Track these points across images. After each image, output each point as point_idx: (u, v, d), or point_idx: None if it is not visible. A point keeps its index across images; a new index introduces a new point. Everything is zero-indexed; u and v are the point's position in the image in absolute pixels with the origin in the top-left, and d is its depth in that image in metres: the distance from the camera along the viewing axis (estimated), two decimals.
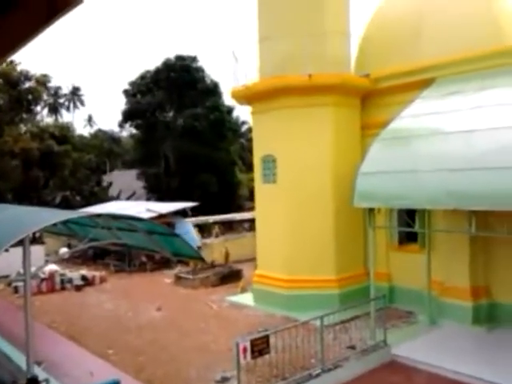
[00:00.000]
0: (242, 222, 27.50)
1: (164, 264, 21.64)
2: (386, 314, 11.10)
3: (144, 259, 21.92)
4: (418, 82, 13.21)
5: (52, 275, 18.76)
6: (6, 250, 7.95)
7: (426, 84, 13.10)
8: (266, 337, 8.76)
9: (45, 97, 44.19)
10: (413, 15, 14.35)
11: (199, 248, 22.28)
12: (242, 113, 68.70)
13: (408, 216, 13.32)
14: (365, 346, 10.47)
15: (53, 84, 43.53)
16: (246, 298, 15.83)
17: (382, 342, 10.56)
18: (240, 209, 34.70)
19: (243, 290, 16.77)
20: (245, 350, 8.36)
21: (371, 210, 11.12)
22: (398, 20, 14.75)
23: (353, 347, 10.63)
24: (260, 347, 8.62)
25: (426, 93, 12.80)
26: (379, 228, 12.83)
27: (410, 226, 13.16)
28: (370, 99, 15.07)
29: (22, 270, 17.61)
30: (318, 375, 9.22)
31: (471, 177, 9.12)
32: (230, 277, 18.80)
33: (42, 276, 18.34)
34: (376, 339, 10.65)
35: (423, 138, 10.86)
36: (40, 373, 8.99)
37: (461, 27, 13.15)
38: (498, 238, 11.87)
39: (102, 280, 19.75)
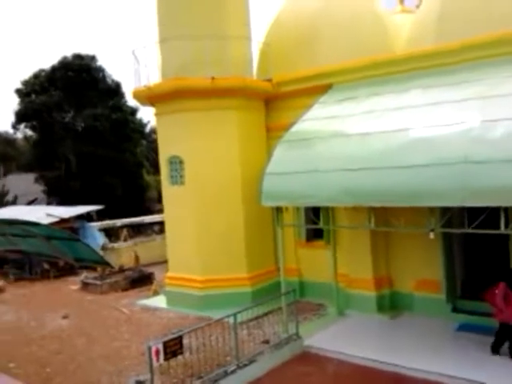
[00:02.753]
0: (151, 224, 26.85)
1: (69, 270, 20.54)
2: (298, 308, 11.49)
3: (46, 266, 20.63)
4: (317, 87, 13.85)
5: None
6: None
7: (325, 89, 13.80)
8: (179, 337, 8.67)
9: None
10: (311, 21, 15.03)
11: (103, 247, 21.58)
12: (146, 113, 67.30)
13: (313, 214, 13.85)
14: (278, 340, 10.73)
15: None
16: (159, 301, 15.55)
17: (294, 334, 10.87)
18: (149, 211, 33.85)
19: (155, 293, 16.44)
20: (157, 352, 8.22)
21: (278, 209, 11.47)
22: (297, 26, 15.33)
23: (267, 342, 10.86)
24: (173, 348, 8.51)
25: (324, 98, 13.50)
26: (287, 226, 13.24)
27: (316, 223, 13.68)
28: (274, 103, 15.50)
29: None
30: (233, 371, 9.29)
31: (366, 176, 9.69)
32: (141, 280, 18.31)
33: None
34: (289, 332, 10.94)
35: (323, 140, 11.42)
36: None
37: (355, 35, 14.22)
38: (397, 232, 12.79)
39: (0, 290, 18.33)
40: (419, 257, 12.68)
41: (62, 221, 21.00)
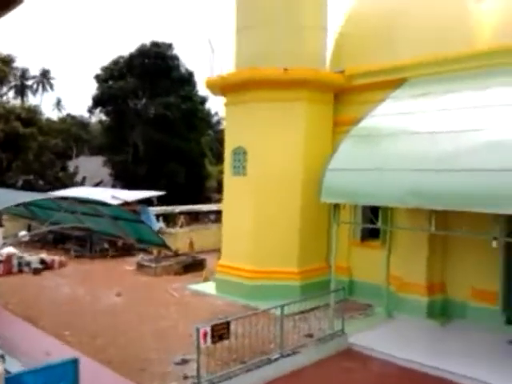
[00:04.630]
0: (208, 213, 27.47)
1: (126, 251, 21.42)
2: (345, 306, 11.36)
3: (106, 245, 21.62)
4: (391, 82, 13.43)
5: (9, 258, 18.28)
6: None
7: (398, 84, 13.34)
8: (227, 323, 8.85)
9: (11, 78, 42.86)
10: (389, 13, 14.51)
11: (159, 232, 22.19)
12: (213, 104, 68.41)
13: (372, 213, 13.63)
14: (323, 335, 10.70)
15: (20, 65, 42.22)
16: (209, 287, 15.87)
17: (339, 331, 10.81)
18: (208, 200, 34.58)
19: (206, 280, 16.79)
20: (205, 334, 8.44)
21: (336, 206, 11.32)
22: (375, 18, 14.88)
23: (311, 335, 10.86)
24: (220, 332, 8.70)
25: (396, 93, 13.05)
26: (343, 223, 13.06)
27: (373, 222, 13.46)
28: (344, 96, 15.20)
29: None
30: (276, 360, 9.38)
31: (433, 177, 9.36)
32: (194, 266, 18.76)
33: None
34: (334, 328, 10.87)
35: (391, 138, 11.10)
36: None
37: (434, 29, 13.37)
38: (456, 238, 12.36)
39: (62, 265, 19.36)
40: (477, 265, 12.18)
41: (126, 203, 21.86)
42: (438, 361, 9.65)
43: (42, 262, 18.88)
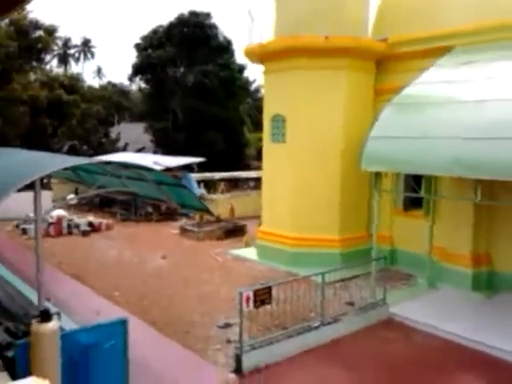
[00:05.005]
0: (247, 180, 27.63)
1: (169, 216, 21.98)
2: (387, 276, 11.35)
3: (150, 209, 22.23)
4: (435, 50, 13.02)
5: (59, 220, 19.10)
6: (19, 191, 8.03)
7: (443, 52, 12.91)
8: (269, 288, 9.01)
9: (54, 47, 43.61)
10: None
11: (201, 197, 22.54)
12: (251, 72, 67.81)
13: (414, 181, 13.35)
14: (364, 304, 10.75)
15: (63, 35, 42.84)
16: (250, 253, 16.14)
17: (380, 300, 10.82)
18: (247, 168, 34.73)
19: (247, 245, 17.07)
20: (248, 299, 8.62)
21: (378, 174, 11.16)
22: None
23: (352, 303, 10.95)
24: (262, 297, 8.87)
25: (441, 61, 12.65)
26: (385, 192, 12.90)
27: (416, 191, 13.19)
28: (386, 64, 14.87)
29: (29, 214, 17.92)
30: (317, 327, 9.52)
31: (479, 146, 9.12)
32: (235, 231, 19.09)
33: (50, 220, 18.68)
34: (375, 297, 10.90)
35: (435, 106, 10.81)
36: (51, 308, 9.30)
37: None
38: (502, 208, 12.01)
39: (109, 227, 20.10)
40: None
41: (167, 169, 22.23)
42: (481, 335, 9.53)
43: (90, 224, 19.65)
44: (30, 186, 7.87)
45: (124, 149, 37.78)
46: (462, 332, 9.70)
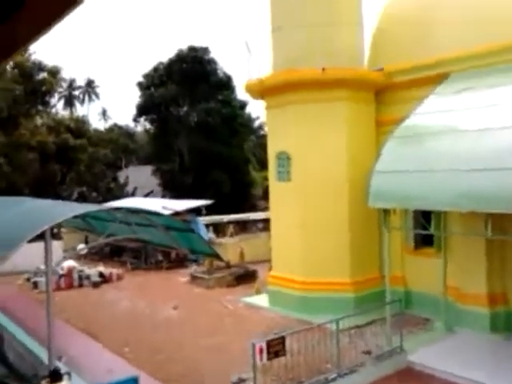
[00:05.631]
0: (256, 221, 27.53)
1: (179, 263, 21.88)
2: (402, 320, 11.08)
3: (160, 257, 22.16)
4: (433, 77, 13.02)
5: (70, 271, 19.07)
6: (29, 242, 8.00)
7: (441, 79, 12.88)
8: (282, 338, 8.85)
9: (59, 89, 44.33)
10: (428, 7, 14.08)
11: (210, 242, 22.44)
12: (254, 108, 68.76)
13: (423, 217, 13.17)
14: (380, 352, 10.48)
15: (67, 76, 43.51)
16: (261, 299, 15.91)
17: (398, 347, 10.57)
18: (254, 208, 34.66)
19: (258, 291, 16.84)
20: (261, 350, 8.46)
21: (386, 211, 11.02)
22: (412, 12, 14.48)
23: (368, 352, 10.66)
24: (276, 348, 8.71)
25: (439, 88, 12.61)
26: (394, 229, 12.71)
27: (426, 228, 13.01)
28: (385, 95, 14.91)
29: (40, 266, 17.89)
30: (333, 380, 9.29)
31: (487, 178, 8.96)
32: (246, 277, 18.90)
33: (61, 272, 18.64)
34: (392, 345, 10.63)
35: (438, 136, 10.74)
36: (61, 367, 9.17)
37: (477, 21, 12.72)
38: None
39: (119, 277, 20.01)
40: None
41: (176, 213, 22.27)
42: (504, 381, 9.24)
43: (101, 275, 19.58)
44: (39, 236, 7.83)
45: (133, 193, 37.93)
46: (482, 378, 9.39)
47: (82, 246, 21.92)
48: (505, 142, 9.20)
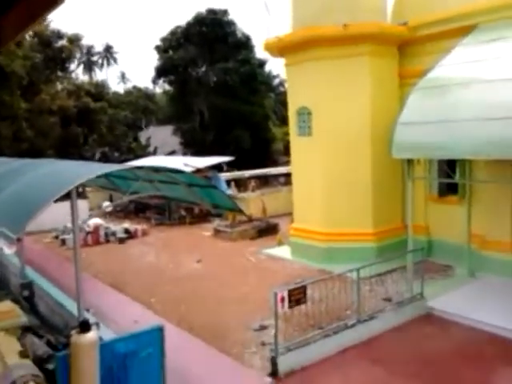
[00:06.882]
0: (277, 176, 27.52)
1: (203, 218, 22.16)
2: (424, 268, 11.03)
3: (183, 213, 22.46)
4: (459, 29, 12.60)
5: (97, 228, 19.52)
6: (55, 201, 8.17)
7: (467, 31, 12.47)
8: (303, 287, 8.92)
9: (78, 55, 44.53)
10: None
11: (231, 197, 22.58)
12: (274, 66, 67.54)
13: (448, 166, 12.97)
14: (401, 299, 10.52)
15: (85, 42, 43.68)
16: (283, 251, 16.07)
17: (418, 294, 10.57)
18: (275, 163, 34.65)
19: (280, 243, 17.00)
20: (282, 299, 8.56)
21: (410, 161, 10.87)
22: None
23: (389, 299, 10.74)
24: (297, 297, 8.79)
25: (466, 40, 12.22)
26: (418, 179, 12.57)
27: (450, 176, 12.82)
28: (409, 48, 14.55)
29: (67, 224, 18.33)
30: (353, 325, 9.39)
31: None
32: (268, 230, 19.07)
33: (87, 229, 19.12)
34: (413, 292, 10.65)
35: (464, 87, 10.41)
36: (90, 318, 9.50)
37: None
38: None
39: (144, 233, 20.41)
40: None
41: (197, 170, 22.40)
42: None
43: (126, 231, 20.00)
44: (65, 196, 7.99)
45: (154, 153, 38.30)
46: (503, 323, 9.37)
47: (107, 203, 22.37)
48: None
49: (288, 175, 19.54)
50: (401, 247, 12.65)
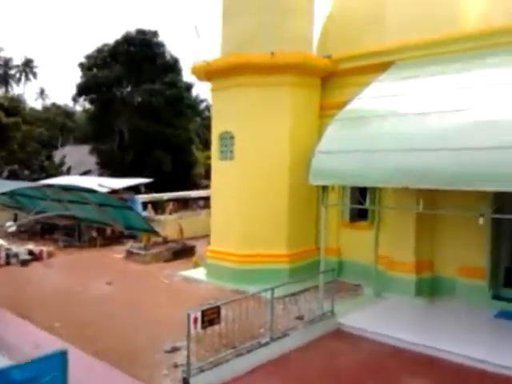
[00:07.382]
0: (197, 199, 27.36)
1: (115, 240, 21.32)
2: (335, 287, 11.40)
3: (94, 234, 21.48)
4: (378, 65, 13.43)
5: None
6: None
7: (385, 67, 13.33)
8: (217, 307, 8.83)
9: None
10: None
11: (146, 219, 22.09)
12: (202, 90, 68.03)
13: (360, 194, 13.68)
14: (312, 316, 10.75)
15: (3, 55, 41.54)
16: (199, 273, 15.87)
17: (329, 312, 10.87)
18: (196, 186, 34.52)
19: (196, 266, 16.77)
20: (195, 320, 8.41)
21: (325, 188, 11.31)
22: (361, 1, 14.92)
23: (301, 317, 10.92)
24: (211, 317, 8.68)
25: (383, 76, 13.06)
26: (331, 206, 13.05)
27: (361, 203, 13.50)
28: (331, 80, 15.20)
29: None
30: (266, 343, 9.40)
31: (420, 157, 9.37)
32: (183, 252, 18.74)
33: None
34: (323, 310, 10.93)
35: (379, 119, 11.09)
36: None
37: (421, 12, 13.18)
38: (443, 216, 12.47)
39: (50, 255, 19.19)
40: (465, 242, 12.29)
41: (113, 191, 21.70)
42: (426, 338, 9.75)
43: (30, 253, 18.68)
44: None
45: (68, 172, 36.70)
46: (407, 337, 9.87)
47: (10, 223, 20.94)
48: (437, 125, 9.64)
49: (208, 198, 19.48)
50: (313, 268, 12.98)
